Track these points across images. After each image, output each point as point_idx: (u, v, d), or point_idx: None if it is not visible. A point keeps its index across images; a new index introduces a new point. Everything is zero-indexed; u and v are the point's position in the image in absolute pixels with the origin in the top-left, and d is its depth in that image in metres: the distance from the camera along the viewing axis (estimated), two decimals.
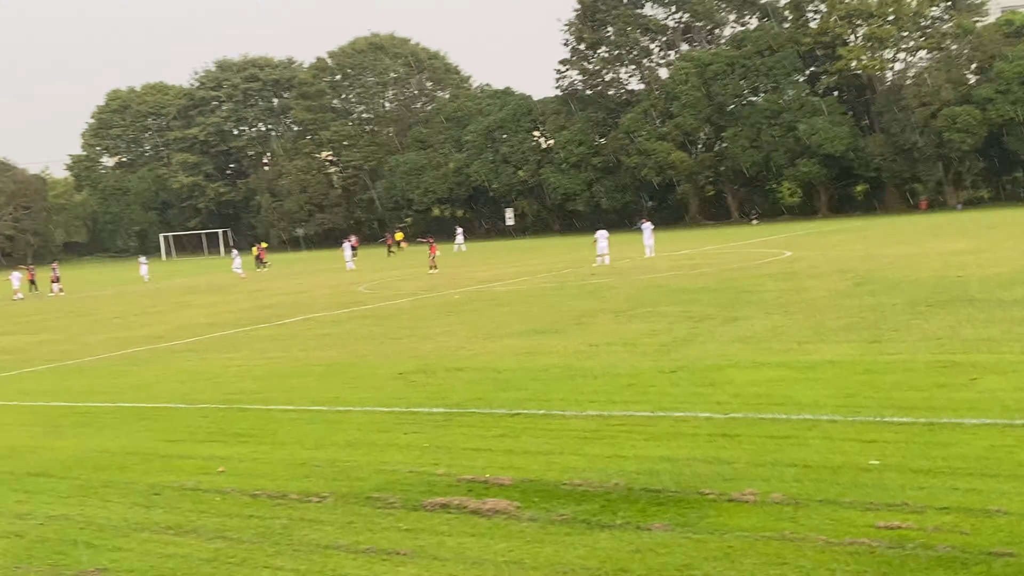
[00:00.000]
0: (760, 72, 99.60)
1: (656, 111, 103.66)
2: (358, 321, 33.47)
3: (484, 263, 61.58)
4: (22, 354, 31.85)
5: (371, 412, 17.71)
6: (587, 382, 18.71)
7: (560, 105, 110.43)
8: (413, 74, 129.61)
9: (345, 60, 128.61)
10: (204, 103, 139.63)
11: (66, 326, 40.86)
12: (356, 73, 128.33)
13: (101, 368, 26.86)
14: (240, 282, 61.74)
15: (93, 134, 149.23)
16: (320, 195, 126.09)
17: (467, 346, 24.91)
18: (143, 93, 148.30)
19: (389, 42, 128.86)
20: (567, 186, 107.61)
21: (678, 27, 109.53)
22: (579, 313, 30.01)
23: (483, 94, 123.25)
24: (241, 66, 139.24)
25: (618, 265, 49.86)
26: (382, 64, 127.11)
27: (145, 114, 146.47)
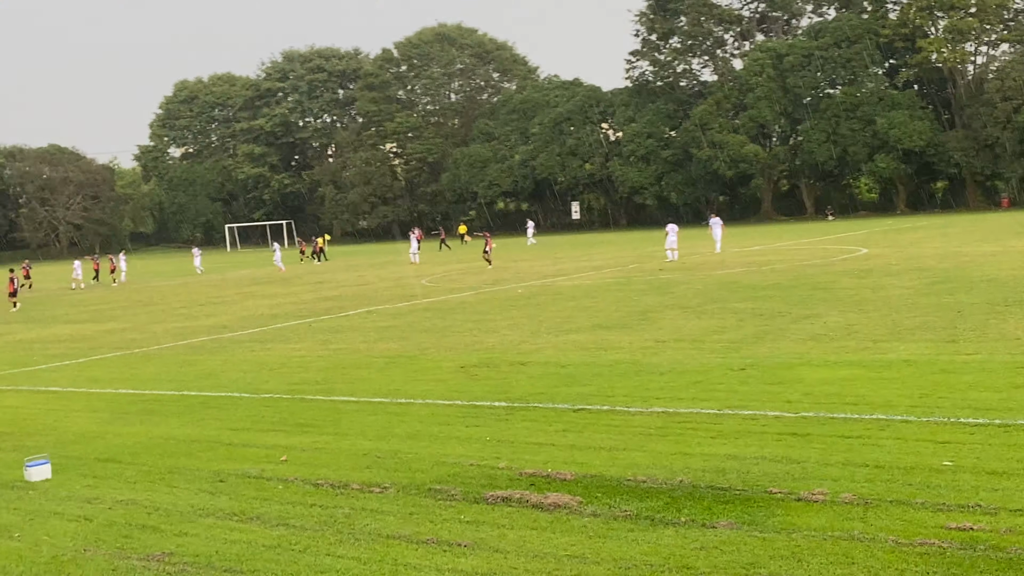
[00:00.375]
0: (838, 64, 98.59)
1: (729, 103, 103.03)
2: (420, 314, 33.68)
3: (549, 257, 61.60)
4: (91, 342, 32.47)
5: (432, 405, 17.87)
6: (653, 378, 18.71)
7: (629, 97, 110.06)
8: (480, 65, 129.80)
9: (411, 51, 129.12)
10: (270, 94, 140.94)
11: (133, 315, 41.55)
12: (422, 64, 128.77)
13: (167, 356, 27.32)
14: (303, 273, 62.33)
15: (161, 125, 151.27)
16: (383, 187, 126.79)
17: (530, 340, 24.98)
18: (210, 84, 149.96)
19: (456, 32, 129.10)
20: (635, 179, 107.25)
21: (753, 17, 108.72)
22: (645, 308, 29.96)
23: (550, 85, 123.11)
24: (307, 57, 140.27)
25: (687, 261, 49.67)
26: (448, 55, 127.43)
27: (212, 105, 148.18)
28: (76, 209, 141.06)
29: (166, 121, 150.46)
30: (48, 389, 23.17)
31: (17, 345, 33.32)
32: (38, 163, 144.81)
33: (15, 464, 15.32)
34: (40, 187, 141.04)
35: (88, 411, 19.95)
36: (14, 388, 23.70)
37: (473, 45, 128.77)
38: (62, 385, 23.57)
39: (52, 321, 41.38)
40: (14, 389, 23.57)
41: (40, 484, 14.24)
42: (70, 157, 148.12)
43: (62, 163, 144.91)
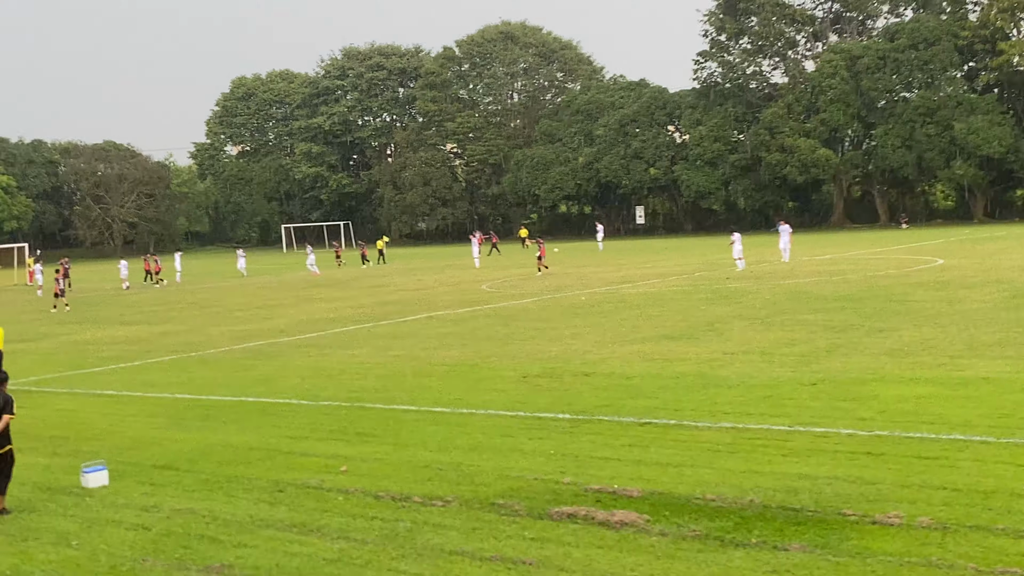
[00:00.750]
0: (914, 66, 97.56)
1: (800, 106, 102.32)
2: (481, 320, 33.78)
3: (613, 263, 61.53)
4: (146, 344, 32.89)
5: (495, 416, 17.92)
6: (721, 392, 18.66)
7: (697, 98, 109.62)
8: (543, 64, 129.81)
9: (473, 49, 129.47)
10: (329, 92, 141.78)
11: (188, 317, 42.02)
12: (484, 63, 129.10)
13: (223, 361, 27.62)
14: (361, 276, 62.68)
15: (217, 122, 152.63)
16: (443, 188, 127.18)
17: (595, 350, 24.99)
18: (268, 81, 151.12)
19: (520, 31, 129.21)
20: (702, 184, 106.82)
21: (827, 17, 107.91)
22: (713, 319, 29.86)
23: (616, 86, 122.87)
24: (367, 55, 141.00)
25: (756, 269, 49.40)
26: (511, 54, 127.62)
27: (269, 102, 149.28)
28: (131, 207, 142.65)
29: (223, 118, 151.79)
30: (104, 392, 23.52)
31: (72, 346, 33.83)
32: (93, 160, 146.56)
33: (72, 469, 15.58)
34: (95, 184, 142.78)
35: (144, 416, 20.22)
36: (69, 391, 24.08)
37: (537, 44, 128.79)
38: (117, 388, 23.91)
39: (106, 322, 41.94)
40: (69, 392, 23.95)
41: (97, 490, 14.47)
42: (125, 154, 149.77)
43: (117, 160, 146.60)
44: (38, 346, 34.44)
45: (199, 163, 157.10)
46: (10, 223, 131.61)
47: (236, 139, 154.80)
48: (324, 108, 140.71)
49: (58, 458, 16.84)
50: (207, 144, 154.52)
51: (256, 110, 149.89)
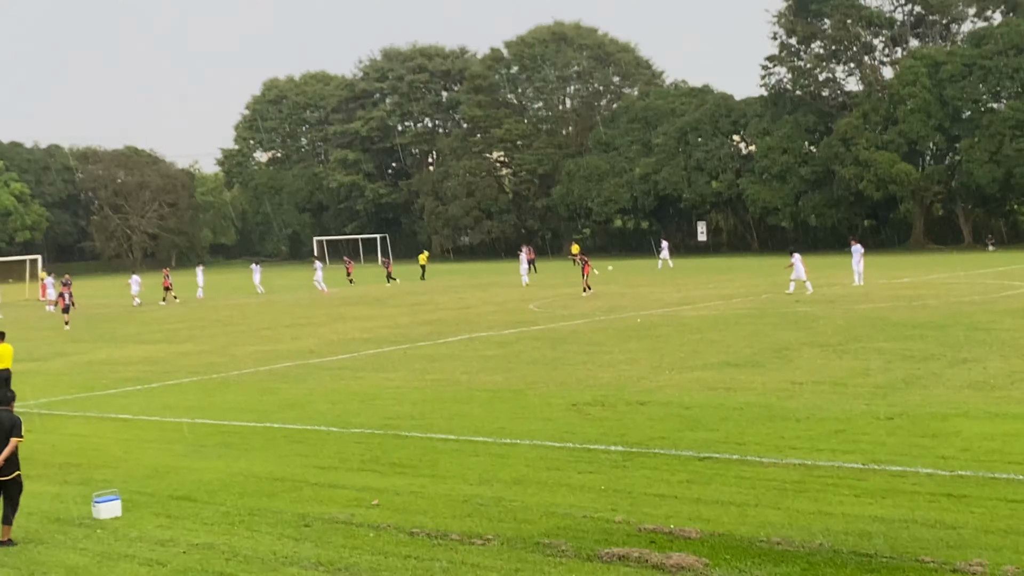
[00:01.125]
0: (1003, 75, 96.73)
1: (878, 116, 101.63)
2: (528, 343, 33.76)
3: (672, 283, 61.35)
4: (165, 365, 33.10)
5: (541, 447, 17.87)
6: (788, 425, 18.52)
7: (764, 107, 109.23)
8: (598, 68, 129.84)
9: (523, 51, 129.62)
10: (367, 95, 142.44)
11: (211, 336, 42.28)
12: (535, 65, 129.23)
13: (248, 383, 27.73)
14: (398, 293, 62.83)
15: (246, 126, 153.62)
16: (489, 200, 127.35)
17: (651, 377, 24.91)
18: (302, 83, 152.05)
19: (574, 32, 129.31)
20: (769, 199, 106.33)
21: (907, 21, 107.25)
22: (781, 345, 29.71)
23: (677, 92, 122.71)
24: (408, 55, 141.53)
25: (827, 292, 49.10)
26: (564, 56, 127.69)
27: (303, 106, 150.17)
28: (152, 217, 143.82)
29: (252, 123, 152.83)
30: (118, 416, 23.67)
31: (85, 367, 34.10)
32: (112, 166, 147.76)
33: (83, 499, 15.66)
34: (114, 192, 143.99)
35: (161, 442, 20.33)
36: (82, 414, 24.25)
37: (592, 46, 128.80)
38: (133, 412, 24.05)
39: (123, 341, 42.28)
40: (82, 415, 24.12)
41: (109, 522, 14.53)
42: (147, 160, 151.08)
43: (138, 167, 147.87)
44: (49, 366, 34.75)
45: (226, 171, 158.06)
46: (23, 233, 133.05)
47: (266, 145, 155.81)
48: (361, 112, 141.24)
49: (68, 487, 16.93)
50: (235, 150, 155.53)
51: (288, 114, 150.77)
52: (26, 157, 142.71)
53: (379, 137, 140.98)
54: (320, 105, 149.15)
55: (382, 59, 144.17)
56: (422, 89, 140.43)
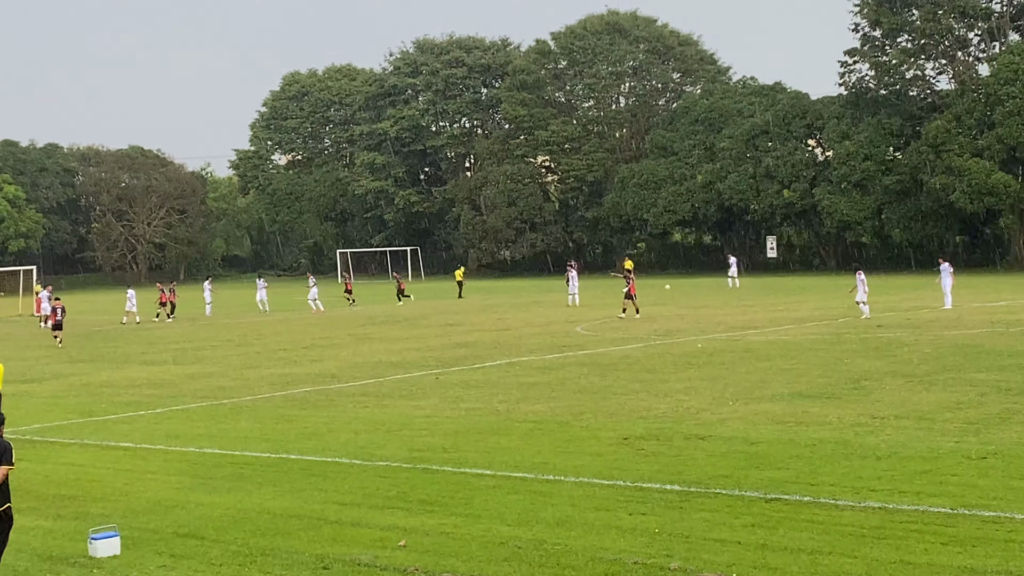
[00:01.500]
0: None
1: (972, 119, 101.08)
2: (574, 369, 33.77)
3: (737, 304, 61.18)
4: (171, 388, 33.29)
5: (588, 484, 17.84)
6: (867, 464, 18.44)
7: (843, 107, 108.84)
8: (657, 63, 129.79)
9: (573, 43, 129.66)
10: (397, 92, 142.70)
11: (222, 357, 42.50)
12: (586, 60, 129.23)
13: (262, 410, 27.85)
14: (430, 312, 62.94)
15: (264, 126, 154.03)
16: (532, 209, 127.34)
17: (712, 409, 24.88)
18: (325, 78, 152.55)
19: (630, 22, 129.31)
20: (847, 211, 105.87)
21: (1006, 12, 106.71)
22: (859, 375, 29.59)
23: (745, 90, 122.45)
24: (444, 48, 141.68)
25: (913, 317, 48.85)
26: (619, 49, 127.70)
27: (327, 103, 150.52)
28: (159, 225, 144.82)
29: (271, 121, 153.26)
30: (119, 445, 23.81)
31: (83, 389, 34.35)
32: (116, 168, 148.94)
33: (78, 535, 15.75)
34: (117, 197, 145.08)
35: (165, 473, 20.43)
36: (79, 442, 24.41)
37: (650, 38, 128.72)
38: (135, 440, 24.19)
39: (125, 361, 42.57)
40: (79, 443, 24.28)
41: (107, 561, 14.61)
42: (154, 162, 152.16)
43: (144, 169, 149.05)
44: (44, 388, 35.02)
45: (241, 174, 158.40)
46: (16, 242, 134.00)
47: (286, 146, 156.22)
48: (391, 111, 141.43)
49: (63, 521, 17.04)
50: (251, 152, 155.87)
51: (310, 112, 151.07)
52: (21, 157, 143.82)
53: (410, 139, 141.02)
54: (345, 102, 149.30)
55: (414, 51, 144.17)
56: (459, 85, 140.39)
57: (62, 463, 21.97)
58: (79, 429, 26.09)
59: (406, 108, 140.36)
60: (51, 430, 26.06)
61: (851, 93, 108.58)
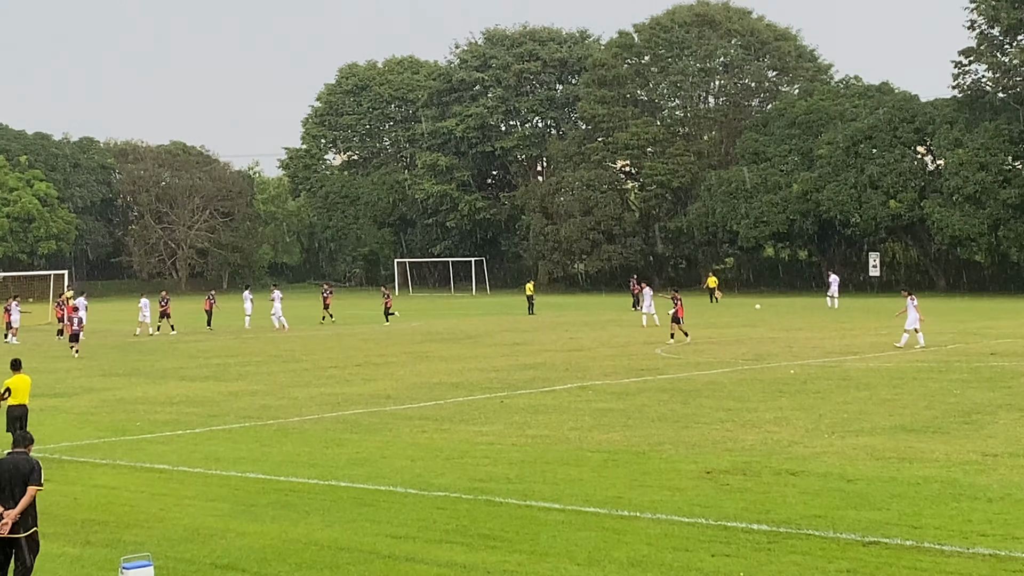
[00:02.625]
0: None
1: None
2: (653, 395, 33.72)
3: (835, 326, 60.83)
4: (212, 407, 33.49)
5: (666, 522, 17.81)
6: (977, 506, 18.30)
7: (957, 111, 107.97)
8: (750, 59, 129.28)
9: (658, 36, 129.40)
10: (464, 87, 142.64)
11: (267, 374, 42.70)
12: (672, 54, 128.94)
13: (310, 432, 27.97)
14: (494, 329, 62.97)
15: (317, 122, 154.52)
16: (610, 219, 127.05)
17: (805, 441, 24.78)
18: (386, 71, 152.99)
19: (721, 14, 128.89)
20: (960, 226, 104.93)
21: None
22: (970, 407, 29.39)
23: (848, 91, 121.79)
24: (516, 39, 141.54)
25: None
26: (709, 44, 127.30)
27: (387, 99, 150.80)
28: (201, 228, 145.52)
29: (325, 117, 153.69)
30: (154, 466, 23.98)
31: (117, 405, 34.61)
32: (156, 166, 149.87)
33: (108, 564, 15.88)
34: (156, 198, 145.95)
35: (204, 499, 20.56)
36: (111, 462, 24.60)
37: (743, 32, 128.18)
38: (172, 462, 24.35)
39: (163, 376, 42.86)
40: (111, 463, 24.47)
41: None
42: (197, 160, 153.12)
43: (187, 167, 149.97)
44: (74, 403, 35.31)
45: (291, 175, 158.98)
46: (47, 244, 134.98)
47: (341, 145, 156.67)
48: (457, 108, 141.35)
49: (92, 548, 17.18)
50: (302, 150, 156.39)
51: (369, 108, 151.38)
52: (54, 152, 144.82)
53: (477, 139, 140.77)
54: (408, 98, 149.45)
55: (484, 43, 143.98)
56: (532, 81, 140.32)
57: (93, 485, 22.16)
58: (111, 448, 26.30)
59: (473, 105, 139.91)
60: (81, 449, 26.29)
61: (966, 96, 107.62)
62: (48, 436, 27.19)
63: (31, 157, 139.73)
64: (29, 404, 25.26)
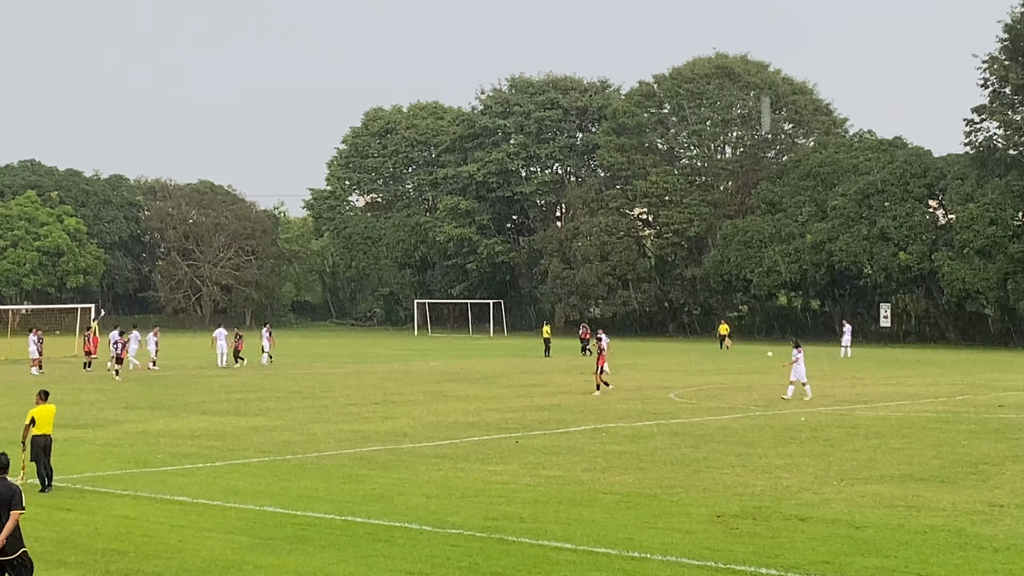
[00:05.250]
0: None
1: None
2: (665, 438, 33.70)
3: (846, 376, 60.70)
4: (232, 441, 33.53)
5: (676, 564, 17.77)
6: (984, 556, 18.24)
7: (968, 167, 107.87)
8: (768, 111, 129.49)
9: (678, 86, 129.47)
10: (487, 133, 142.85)
11: (287, 409, 42.73)
12: (692, 105, 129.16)
13: (328, 468, 27.98)
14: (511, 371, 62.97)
15: (343, 164, 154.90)
16: (626, 265, 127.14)
17: (814, 488, 24.73)
18: (410, 115, 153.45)
19: (740, 66, 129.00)
20: (969, 279, 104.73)
21: None
22: (978, 458, 29.32)
23: (861, 144, 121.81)
24: (539, 87, 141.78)
25: None
26: (728, 95, 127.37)
27: (411, 142, 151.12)
28: (226, 266, 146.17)
29: (350, 160, 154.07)
30: (174, 498, 23.99)
31: (139, 437, 34.66)
32: (183, 204, 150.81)
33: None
34: (183, 235, 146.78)
35: (223, 532, 20.55)
36: (131, 493, 24.61)
37: (761, 84, 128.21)
38: (191, 494, 24.36)
39: (184, 409, 42.92)
40: (131, 494, 24.48)
41: None
42: (224, 198, 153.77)
43: (213, 206, 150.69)
44: (97, 434, 35.37)
45: (315, 215, 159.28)
46: (75, 278, 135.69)
47: (364, 187, 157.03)
48: (479, 153, 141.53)
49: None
50: (327, 192, 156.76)
51: (393, 152, 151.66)
52: (84, 188, 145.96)
53: (498, 184, 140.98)
54: (431, 142, 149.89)
55: (508, 90, 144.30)
56: (553, 128, 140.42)
57: (113, 515, 22.16)
58: (132, 480, 26.32)
59: (495, 151, 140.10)
60: (103, 479, 26.30)
61: (977, 152, 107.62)
62: (71, 467, 27.22)
63: (62, 193, 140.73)
64: (53, 435, 25.29)
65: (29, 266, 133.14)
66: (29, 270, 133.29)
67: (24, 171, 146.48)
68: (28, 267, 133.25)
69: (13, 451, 21.01)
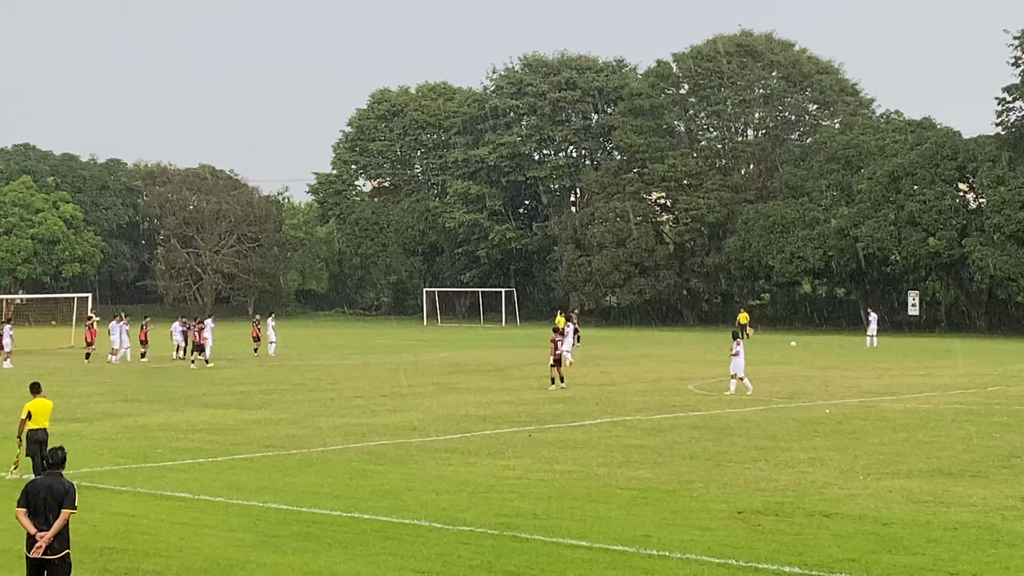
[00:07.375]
0: None
1: None
2: (684, 431, 33.69)
3: (873, 366, 60.61)
4: (235, 435, 33.56)
5: (695, 562, 17.76)
6: (1016, 552, 18.23)
7: (1000, 149, 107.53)
8: (791, 91, 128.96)
9: (698, 65, 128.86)
10: (499, 115, 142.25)
11: (291, 402, 42.75)
12: (712, 85, 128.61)
13: (334, 463, 27.99)
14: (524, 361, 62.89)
15: (348, 147, 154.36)
16: (643, 251, 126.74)
17: (839, 483, 24.71)
18: (418, 96, 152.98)
19: (764, 45, 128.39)
20: (1001, 265, 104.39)
21: None
22: (1010, 451, 29.28)
23: (888, 125, 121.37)
24: (554, 67, 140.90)
25: None
26: (750, 74, 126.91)
27: (420, 125, 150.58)
28: (228, 254, 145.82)
29: (356, 143, 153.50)
30: (175, 495, 24.01)
31: (138, 431, 34.70)
32: (183, 189, 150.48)
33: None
34: (183, 221, 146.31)
35: (225, 529, 20.57)
36: (131, 489, 24.65)
37: (785, 63, 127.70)
38: (193, 491, 24.38)
39: (185, 402, 42.96)
40: (130, 491, 24.51)
41: None
42: (226, 184, 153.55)
43: (215, 191, 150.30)
44: (94, 428, 35.42)
45: (320, 201, 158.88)
46: (72, 267, 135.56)
47: (371, 172, 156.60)
48: (491, 136, 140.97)
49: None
50: (333, 176, 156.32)
51: (400, 134, 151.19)
52: (80, 173, 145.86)
53: (510, 168, 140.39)
54: (441, 125, 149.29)
55: (521, 69, 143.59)
56: (568, 110, 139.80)
57: (111, 512, 22.19)
58: (131, 475, 26.35)
59: (507, 134, 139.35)
60: (101, 475, 26.34)
61: (1009, 133, 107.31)
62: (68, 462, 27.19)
63: (58, 178, 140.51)
64: (49, 429, 25.34)
65: (24, 254, 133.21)
66: (23, 259, 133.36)
67: (18, 155, 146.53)
68: (23, 255, 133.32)
69: (8, 445, 21.06)
